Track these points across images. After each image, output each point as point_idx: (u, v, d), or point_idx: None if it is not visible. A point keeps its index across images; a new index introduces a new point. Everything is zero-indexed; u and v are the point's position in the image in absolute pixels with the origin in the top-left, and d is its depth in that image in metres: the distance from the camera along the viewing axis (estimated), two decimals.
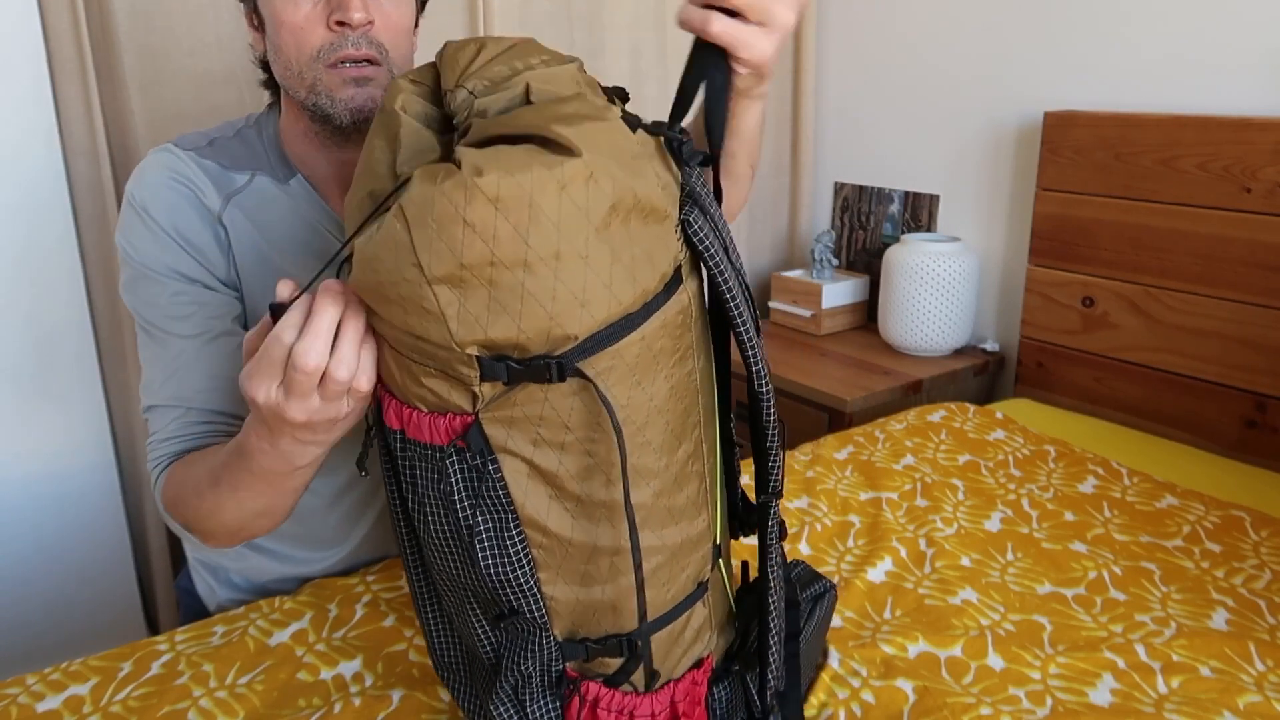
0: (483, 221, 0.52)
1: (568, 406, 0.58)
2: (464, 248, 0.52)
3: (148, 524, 1.59)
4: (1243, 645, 0.92)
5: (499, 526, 0.60)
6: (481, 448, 0.59)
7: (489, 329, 0.55)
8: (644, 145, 0.58)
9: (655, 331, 0.60)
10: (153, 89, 1.48)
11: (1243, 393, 1.54)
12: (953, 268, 1.84)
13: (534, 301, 0.54)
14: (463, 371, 0.57)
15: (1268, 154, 1.45)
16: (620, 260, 0.56)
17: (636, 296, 0.58)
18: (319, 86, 0.87)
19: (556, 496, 0.61)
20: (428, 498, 0.62)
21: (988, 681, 0.86)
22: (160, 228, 0.90)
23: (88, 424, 1.50)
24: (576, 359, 0.57)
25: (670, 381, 0.62)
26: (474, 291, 0.54)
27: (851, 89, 2.22)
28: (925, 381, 1.82)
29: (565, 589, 0.63)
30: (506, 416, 0.58)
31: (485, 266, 0.53)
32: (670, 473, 0.64)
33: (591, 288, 0.55)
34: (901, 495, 1.25)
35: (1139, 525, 1.18)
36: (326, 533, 1.05)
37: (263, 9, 0.89)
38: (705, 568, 0.69)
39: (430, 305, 0.54)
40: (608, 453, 0.60)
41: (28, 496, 1.47)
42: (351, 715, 0.79)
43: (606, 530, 0.62)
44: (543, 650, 0.65)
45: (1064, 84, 1.79)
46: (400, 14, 0.90)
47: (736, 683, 0.73)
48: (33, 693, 0.83)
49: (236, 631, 0.92)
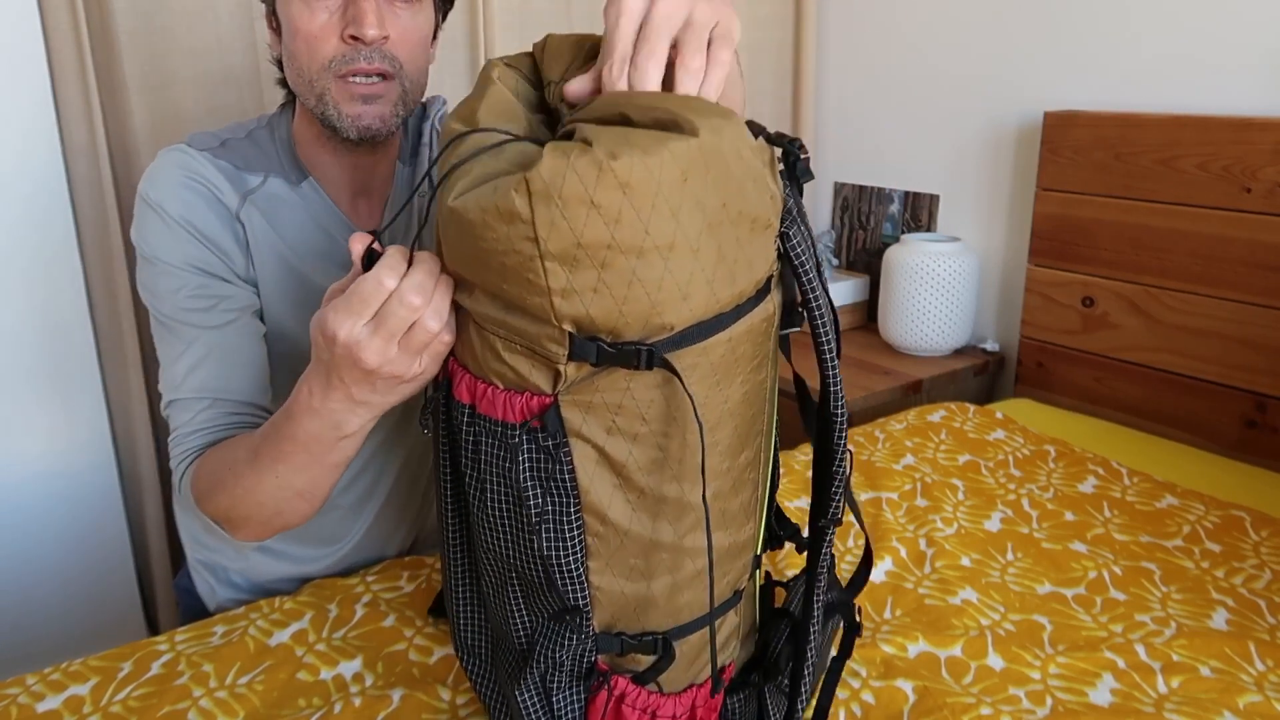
0: (609, 204, 0.52)
1: (648, 398, 0.59)
2: (585, 228, 0.52)
3: (148, 524, 1.59)
4: (1243, 645, 0.92)
5: (560, 510, 0.60)
6: (557, 429, 0.59)
7: (591, 308, 0.54)
8: (761, 153, 0.58)
9: (741, 335, 0.60)
10: (153, 89, 1.48)
11: (1243, 393, 1.54)
12: (953, 268, 1.84)
13: (640, 288, 0.54)
14: (551, 349, 0.57)
15: (1268, 154, 1.45)
16: (725, 259, 0.56)
17: (733, 297, 0.58)
18: (327, 97, 0.87)
19: (621, 486, 0.61)
20: (490, 473, 0.62)
21: (988, 681, 0.86)
22: (176, 222, 0.90)
23: (88, 424, 1.50)
24: (666, 350, 0.57)
25: (745, 387, 0.62)
26: (584, 271, 0.53)
27: (851, 89, 2.22)
28: (925, 381, 1.82)
29: (612, 580, 0.63)
30: (585, 401, 0.58)
31: (601, 249, 0.53)
32: (730, 477, 0.64)
33: (696, 281, 0.55)
34: (901, 495, 1.25)
35: (1139, 525, 1.18)
36: (327, 530, 1.06)
37: (280, 14, 0.89)
38: (744, 576, 0.69)
39: (537, 279, 0.54)
40: (679, 449, 0.60)
41: (28, 496, 1.47)
42: (351, 715, 0.79)
43: (665, 526, 0.62)
44: (579, 639, 0.64)
45: (1064, 84, 1.79)
46: (417, 27, 0.90)
47: (753, 695, 0.73)
48: (33, 693, 0.83)
49: (236, 631, 0.92)
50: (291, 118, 0.98)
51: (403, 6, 0.88)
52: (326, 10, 0.85)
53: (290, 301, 0.96)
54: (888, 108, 2.14)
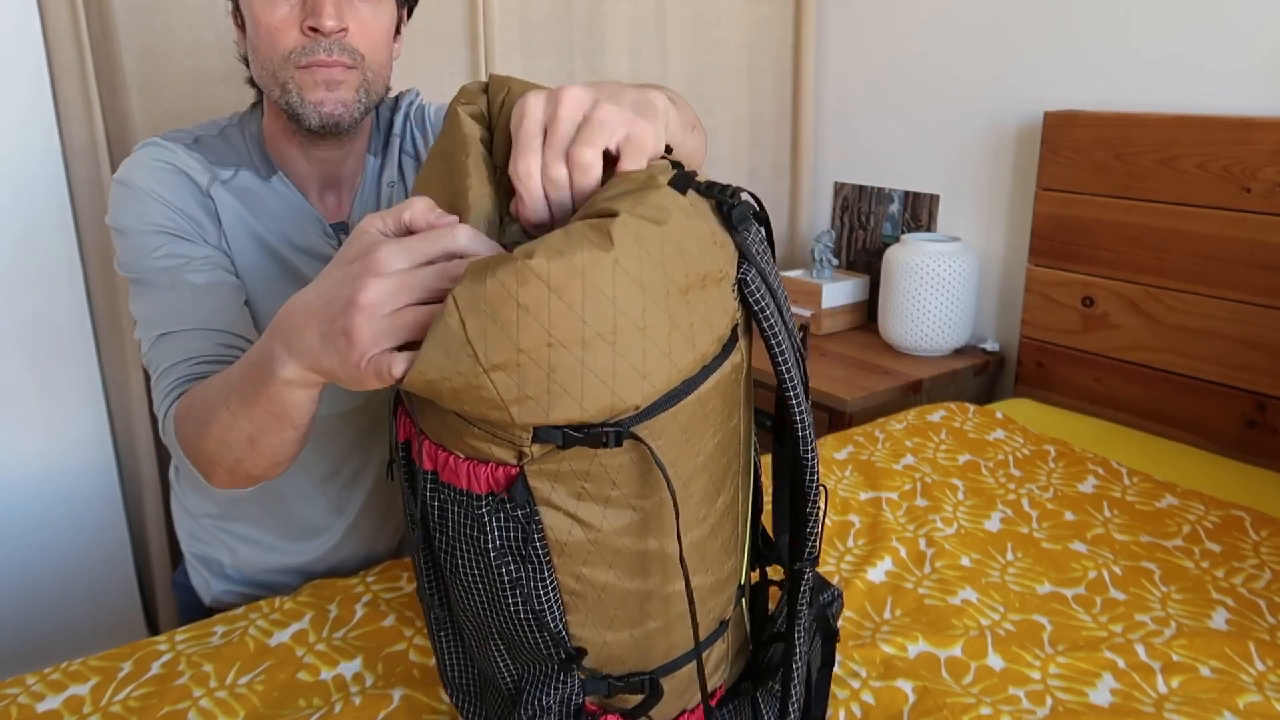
0: (536, 302, 0.50)
1: (616, 464, 0.58)
2: (520, 331, 0.51)
3: (148, 524, 1.59)
4: (1243, 645, 0.92)
5: (535, 575, 0.60)
6: (525, 500, 0.58)
7: (550, 412, 0.53)
8: (696, 206, 0.56)
9: (709, 391, 0.59)
10: (152, 89, 1.48)
11: (1243, 393, 1.54)
12: (953, 268, 1.84)
13: (594, 378, 0.53)
14: (515, 435, 0.56)
15: (1268, 154, 1.45)
16: (679, 327, 0.55)
17: (695, 360, 0.57)
18: (290, 86, 0.89)
19: (596, 548, 0.60)
20: (460, 542, 0.61)
21: (988, 681, 0.86)
22: (145, 192, 0.91)
23: (88, 424, 1.50)
24: (632, 424, 0.56)
25: (718, 437, 0.61)
26: (532, 374, 0.52)
27: (851, 89, 2.22)
28: (925, 381, 1.82)
29: (594, 631, 0.63)
30: (553, 470, 0.57)
31: (543, 348, 0.51)
32: (708, 523, 0.63)
33: (651, 358, 0.54)
34: (901, 495, 1.25)
35: (1139, 525, 1.18)
36: (312, 521, 1.07)
37: (243, 8, 0.91)
38: (729, 606, 0.69)
39: (489, 394, 0.53)
40: (655, 508, 0.59)
41: (28, 496, 1.47)
42: (351, 715, 0.79)
43: (643, 579, 0.62)
44: (565, 686, 0.64)
45: (1064, 84, 1.79)
46: (377, 21, 0.91)
47: (745, 703, 0.73)
48: (33, 693, 0.83)
49: (236, 631, 0.92)
50: (261, 115, 1.00)
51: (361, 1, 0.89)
52: (288, 4, 0.87)
53: (263, 278, 0.97)
54: (888, 108, 2.14)
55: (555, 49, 1.90)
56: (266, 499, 1.05)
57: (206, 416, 0.76)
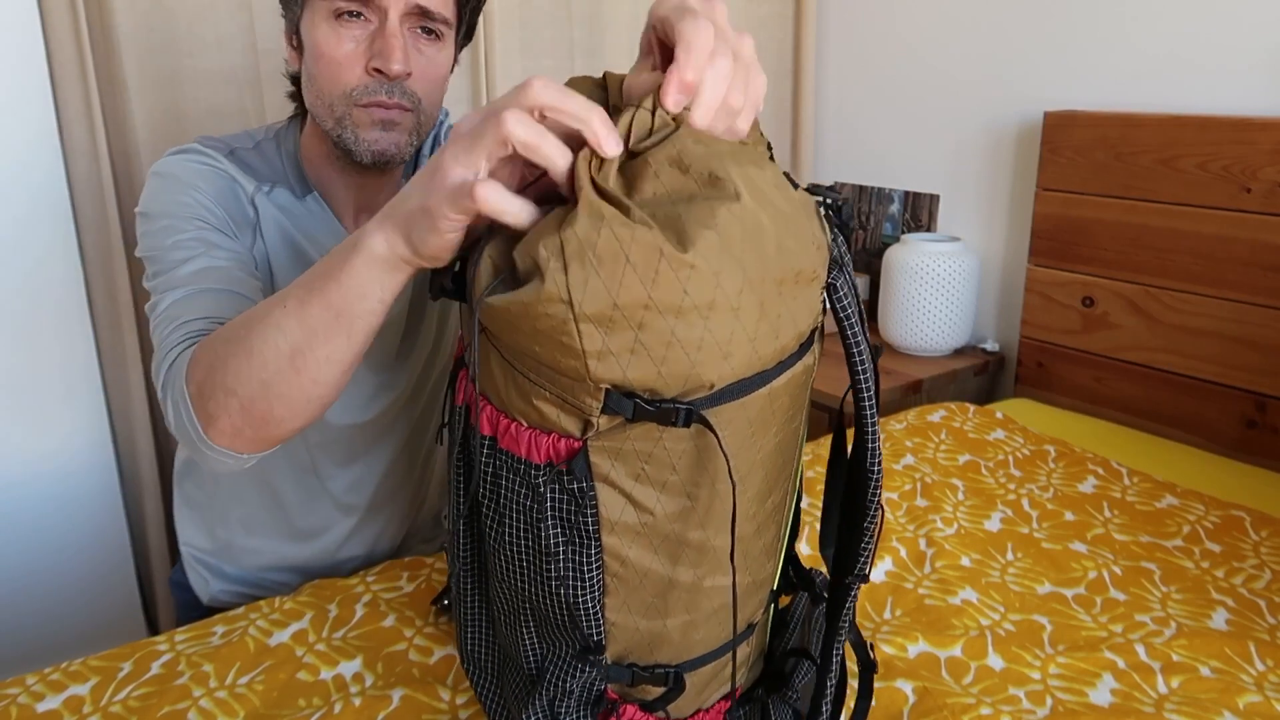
0: (645, 264, 0.50)
1: (680, 449, 0.57)
2: (622, 288, 0.51)
3: (147, 524, 1.59)
4: (1243, 645, 0.92)
5: (580, 551, 0.60)
6: (584, 474, 0.57)
7: (628, 370, 0.53)
8: (803, 203, 0.57)
9: (781, 388, 0.59)
10: (152, 89, 1.48)
11: (1243, 393, 1.54)
12: (953, 268, 1.84)
13: (679, 348, 0.53)
14: (585, 402, 0.55)
15: (1268, 154, 1.45)
16: (767, 316, 0.55)
17: (775, 352, 0.57)
18: (346, 122, 0.88)
19: (645, 531, 0.60)
20: (510, 509, 0.61)
21: (988, 681, 0.86)
22: (188, 185, 0.89)
23: (88, 424, 1.50)
24: (703, 406, 0.55)
25: (779, 436, 0.62)
26: (621, 332, 0.52)
27: (851, 89, 2.22)
28: (925, 381, 1.82)
29: (628, 617, 0.63)
30: (615, 448, 0.57)
31: (639, 309, 0.51)
32: (756, 521, 0.63)
33: (737, 340, 0.54)
34: (901, 495, 1.25)
35: (1139, 525, 1.18)
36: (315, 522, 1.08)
37: (305, 35, 0.89)
38: (758, 612, 0.69)
39: (571, 341, 0.52)
40: (708, 498, 0.59)
41: (28, 496, 1.47)
42: (351, 715, 0.79)
43: (685, 569, 0.62)
44: (591, 670, 0.64)
45: (1064, 84, 1.79)
46: (437, 66, 0.91)
47: (757, 707, 0.73)
48: (33, 693, 0.83)
49: (236, 631, 0.92)
50: (299, 132, 0.99)
51: (427, 44, 0.89)
52: (354, 39, 0.86)
53: None
54: (888, 108, 2.14)
55: (555, 49, 1.90)
56: (269, 499, 1.05)
57: (239, 335, 0.67)
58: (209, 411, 0.69)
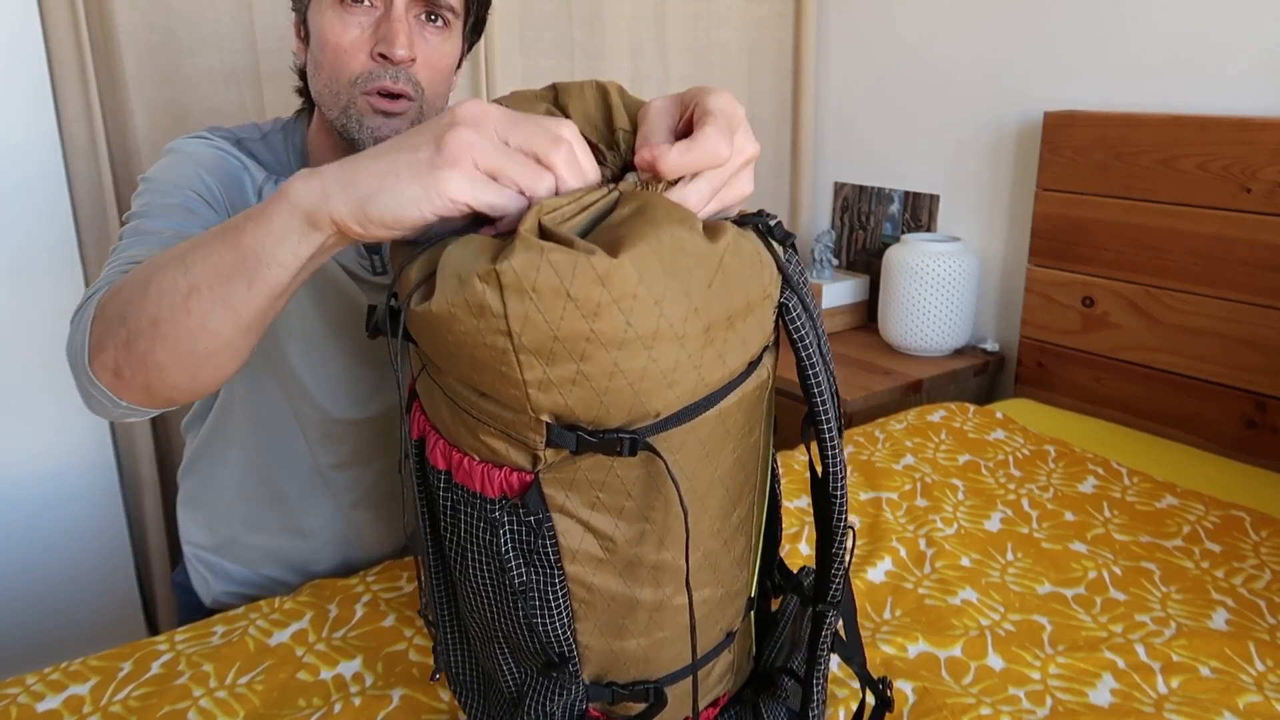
0: (586, 297, 0.49)
1: (632, 476, 0.57)
2: (562, 321, 0.50)
3: (147, 524, 1.59)
4: (1243, 645, 0.92)
5: (545, 581, 0.59)
6: (539, 506, 0.57)
7: (570, 399, 0.53)
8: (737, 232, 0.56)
9: (732, 408, 0.58)
10: (152, 89, 1.48)
11: (1243, 393, 1.54)
12: (953, 268, 1.84)
13: (623, 379, 0.52)
14: (528, 436, 0.55)
15: (1268, 154, 1.45)
16: (714, 343, 0.55)
17: (723, 376, 0.57)
18: (351, 110, 0.88)
19: (607, 556, 0.60)
20: (470, 544, 0.61)
21: (988, 682, 0.86)
22: (195, 161, 0.89)
23: (88, 424, 1.50)
24: (650, 434, 0.55)
25: (736, 453, 0.61)
26: (562, 364, 0.51)
27: (851, 89, 2.22)
28: (925, 381, 1.82)
29: (600, 639, 0.63)
30: (567, 479, 0.57)
31: (580, 341, 0.51)
32: (721, 537, 0.63)
33: (682, 368, 0.53)
34: (901, 495, 1.25)
35: (1139, 525, 1.18)
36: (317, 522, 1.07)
37: (311, 24, 0.90)
38: (737, 620, 0.69)
39: (512, 371, 0.52)
40: (665, 519, 0.59)
41: (28, 496, 1.47)
42: (351, 715, 0.79)
43: (650, 590, 0.61)
44: (569, 692, 0.64)
45: (1064, 84, 1.79)
46: (442, 56, 0.91)
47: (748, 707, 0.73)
48: (33, 693, 0.83)
49: (236, 631, 0.92)
50: (306, 126, 0.99)
51: (433, 32, 0.90)
52: (359, 26, 0.87)
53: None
54: (887, 108, 2.14)
55: (555, 49, 1.90)
56: (271, 496, 1.05)
57: (151, 267, 0.64)
58: (98, 336, 0.65)
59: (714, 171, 0.55)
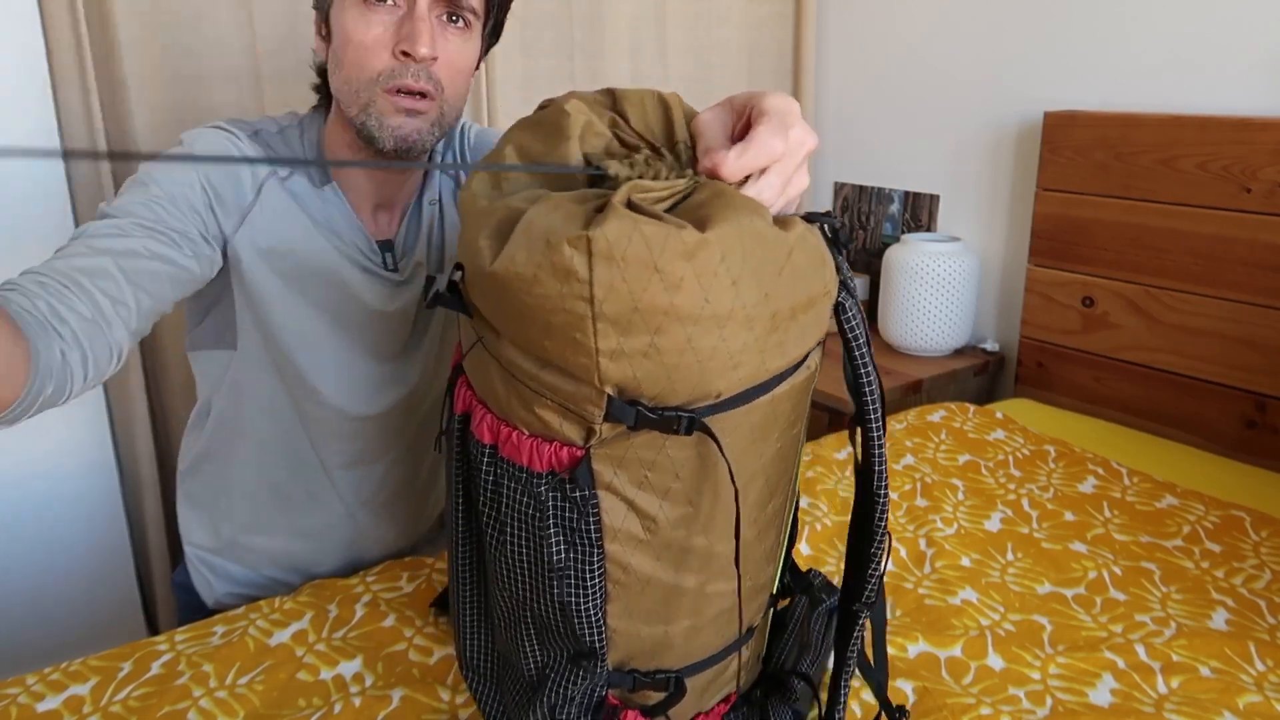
0: (671, 270, 0.50)
1: (683, 457, 0.57)
2: (645, 293, 0.50)
3: (147, 524, 1.59)
4: (1243, 645, 0.92)
5: (583, 559, 0.59)
6: (587, 482, 0.57)
7: (639, 372, 0.53)
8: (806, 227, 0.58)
9: (783, 396, 0.59)
10: (152, 89, 1.48)
11: (1243, 393, 1.54)
12: (953, 268, 1.84)
13: (692, 355, 0.53)
14: (587, 409, 0.55)
15: (1268, 154, 1.45)
16: (778, 330, 0.56)
17: (781, 365, 0.58)
18: (371, 108, 0.89)
19: (647, 538, 0.60)
20: (511, 519, 0.61)
21: (988, 681, 0.86)
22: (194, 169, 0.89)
23: (88, 424, 1.50)
24: (706, 414, 0.56)
25: (780, 442, 0.62)
26: (638, 335, 0.52)
27: (851, 89, 2.22)
28: (925, 381, 1.82)
29: (630, 623, 0.63)
30: (618, 456, 0.57)
31: (658, 314, 0.51)
32: (757, 526, 0.63)
33: (748, 351, 0.54)
34: (901, 495, 1.25)
35: (1139, 525, 1.18)
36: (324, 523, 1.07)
37: (334, 21, 0.91)
38: (758, 615, 0.69)
39: (586, 340, 0.52)
40: (710, 504, 0.60)
41: (28, 496, 1.47)
42: (351, 715, 0.79)
43: (689, 575, 0.62)
44: (591, 676, 0.64)
45: (1064, 84, 1.79)
46: (463, 56, 0.92)
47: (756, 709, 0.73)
48: (33, 693, 0.83)
49: (236, 631, 0.92)
50: (323, 122, 1.00)
51: (455, 32, 0.90)
52: (382, 24, 0.87)
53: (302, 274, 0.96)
54: (888, 108, 2.14)
55: (555, 49, 1.90)
56: (275, 497, 1.05)
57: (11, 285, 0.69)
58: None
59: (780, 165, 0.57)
